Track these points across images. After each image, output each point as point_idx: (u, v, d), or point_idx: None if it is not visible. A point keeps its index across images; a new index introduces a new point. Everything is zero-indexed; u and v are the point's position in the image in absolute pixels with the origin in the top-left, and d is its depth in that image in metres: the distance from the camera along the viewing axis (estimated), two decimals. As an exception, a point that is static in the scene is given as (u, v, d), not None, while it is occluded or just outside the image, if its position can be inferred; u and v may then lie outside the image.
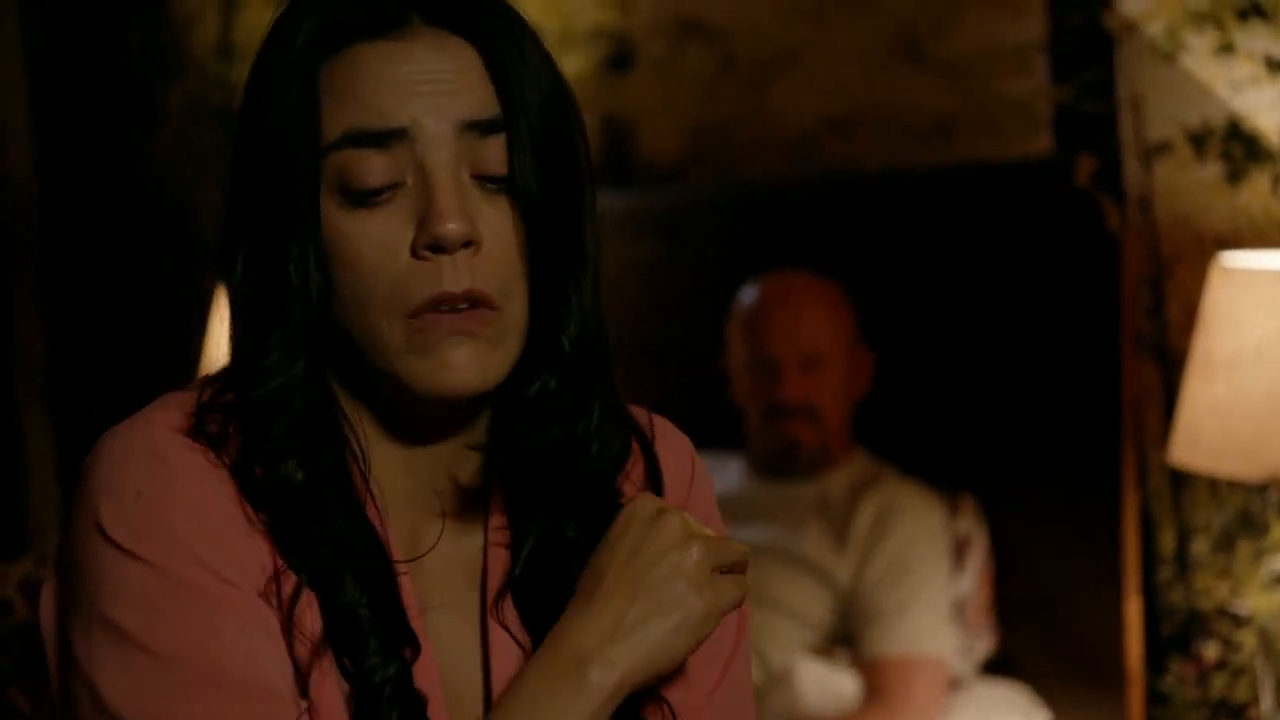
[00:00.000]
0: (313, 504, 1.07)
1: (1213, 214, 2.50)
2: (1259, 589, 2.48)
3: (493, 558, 1.15)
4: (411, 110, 1.07)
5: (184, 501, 1.05)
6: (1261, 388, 2.10)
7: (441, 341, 1.07)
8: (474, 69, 1.09)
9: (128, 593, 1.03)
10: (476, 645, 1.14)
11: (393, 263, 1.07)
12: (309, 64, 1.08)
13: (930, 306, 2.72)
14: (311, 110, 1.07)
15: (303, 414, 1.08)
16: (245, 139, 1.10)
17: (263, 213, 1.08)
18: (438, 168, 1.07)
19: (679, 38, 3.17)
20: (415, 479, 1.14)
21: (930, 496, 2.56)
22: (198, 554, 1.04)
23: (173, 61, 4.28)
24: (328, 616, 1.06)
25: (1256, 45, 2.45)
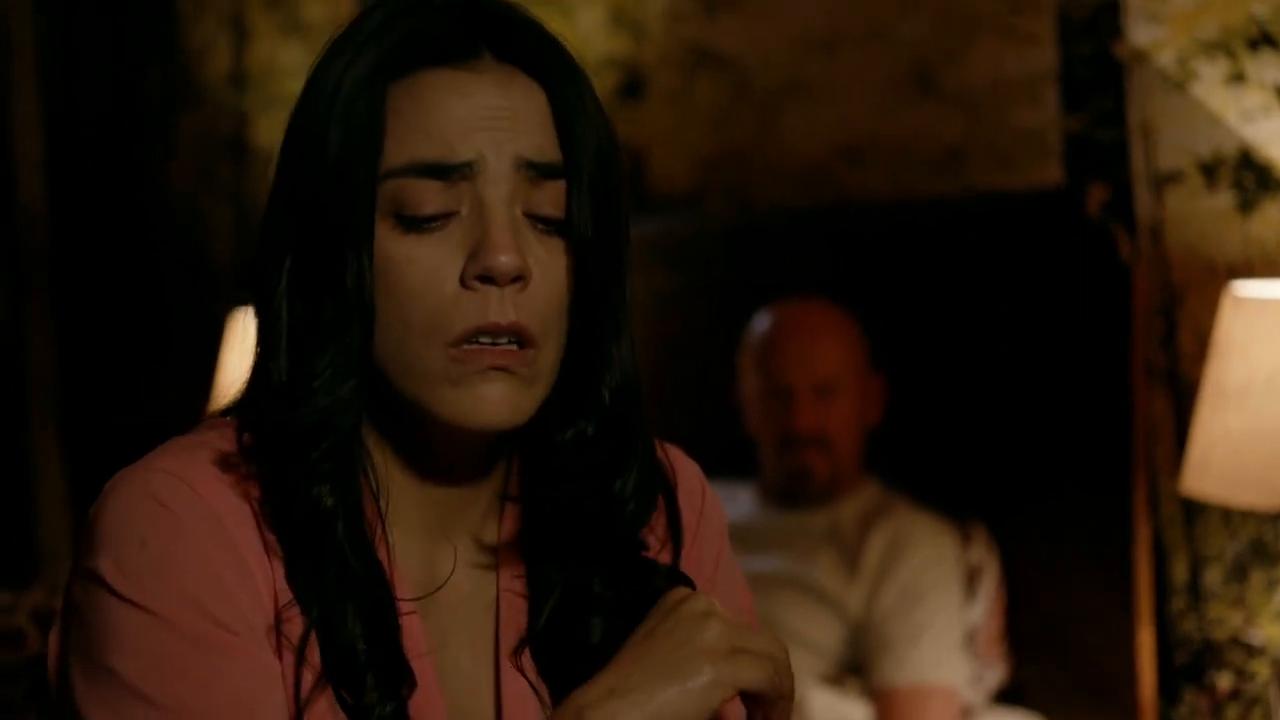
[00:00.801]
0: (330, 532, 1.07)
1: (1224, 243, 2.50)
2: (1272, 619, 2.47)
3: (507, 602, 1.15)
4: (476, 145, 1.08)
5: (186, 550, 1.04)
6: (1273, 417, 2.10)
7: (479, 374, 1.07)
8: (538, 109, 1.10)
9: (128, 642, 1.03)
10: (491, 687, 1.14)
11: (439, 290, 1.07)
12: (377, 86, 1.08)
13: (942, 336, 2.72)
14: (376, 133, 1.08)
15: (345, 438, 1.08)
16: (299, 155, 1.10)
17: (316, 231, 1.08)
18: (495, 202, 1.08)
19: (691, 67, 3.18)
20: (432, 515, 1.14)
21: (942, 525, 2.56)
22: (199, 603, 1.03)
23: (186, 92, 4.30)
24: (326, 650, 1.06)
25: (1267, 74, 2.46)
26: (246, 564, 1.05)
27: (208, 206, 4.27)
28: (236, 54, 4.18)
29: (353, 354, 1.07)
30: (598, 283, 1.11)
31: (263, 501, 1.08)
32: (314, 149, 1.08)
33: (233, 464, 1.08)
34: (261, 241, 1.12)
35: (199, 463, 1.07)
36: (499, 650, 1.14)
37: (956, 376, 2.70)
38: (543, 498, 1.15)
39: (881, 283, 2.76)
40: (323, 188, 1.07)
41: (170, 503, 1.05)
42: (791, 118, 3.08)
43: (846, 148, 3.01)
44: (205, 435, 1.11)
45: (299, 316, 1.08)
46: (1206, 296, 2.49)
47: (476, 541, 1.16)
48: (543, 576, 1.15)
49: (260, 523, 1.07)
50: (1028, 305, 2.61)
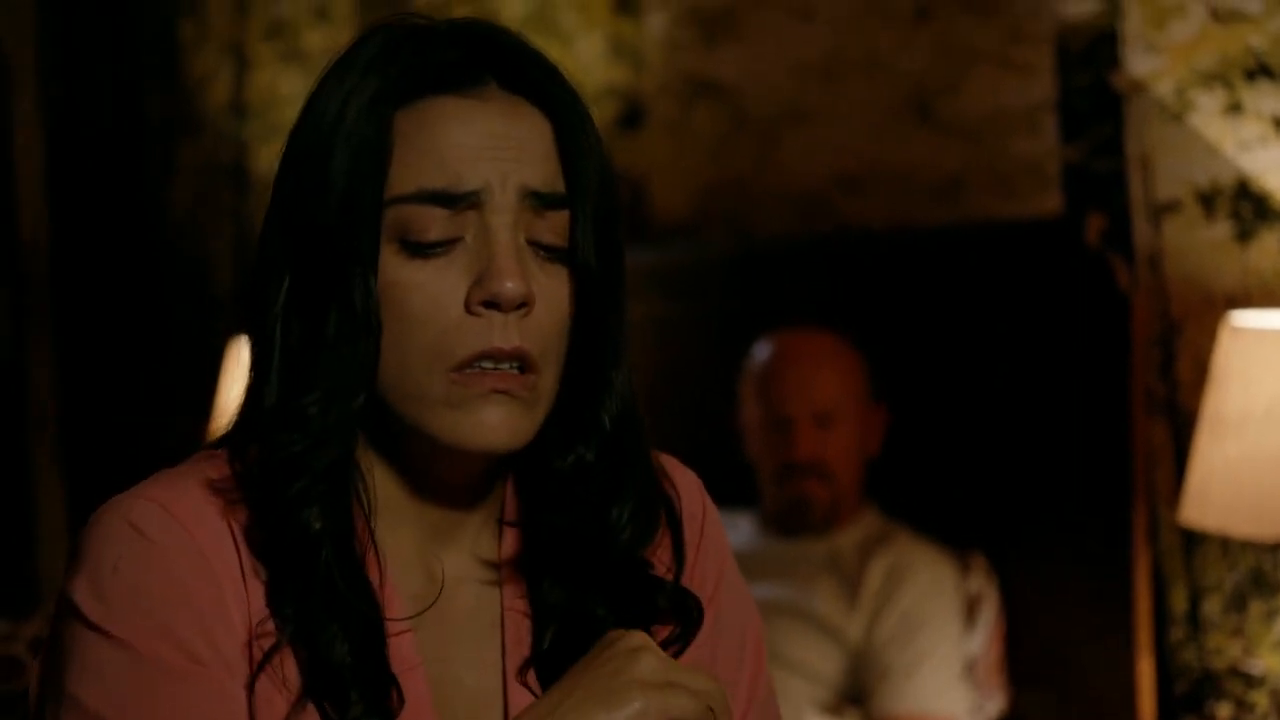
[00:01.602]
0: (316, 554, 1.07)
1: (1222, 273, 2.51)
2: (1271, 649, 2.47)
3: (512, 621, 1.16)
4: (483, 174, 1.09)
5: (159, 578, 1.04)
6: (1272, 447, 2.10)
7: (481, 397, 1.08)
8: (543, 139, 1.11)
9: (94, 670, 1.03)
10: (498, 704, 1.14)
11: (443, 315, 1.08)
12: (384, 111, 1.09)
13: (940, 364, 2.72)
14: (383, 158, 1.08)
15: (337, 460, 1.09)
16: (300, 179, 1.10)
17: (318, 255, 1.08)
18: (500, 229, 1.09)
19: (690, 96, 3.19)
20: (429, 534, 1.14)
21: (941, 555, 2.55)
22: (168, 631, 1.04)
23: (187, 119, 4.31)
24: (311, 670, 1.06)
25: (1265, 105, 2.47)
26: (223, 593, 1.06)
27: (208, 233, 4.27)
28: (237, 82, 4.19)
29: (351, 378, 1.08)
30: (598, 310, 1.12)
31: (249, 528, 1.08)
32: (316, 173, 1.09)
33: (220, 490, 1.09)
34: (258, 266, 1.12)
35: (183, 490, 1.08)
36: (505, 668, 1.15)
37: (956, 405, 2.70)
38: (541, 521, 1.15)
39: (880, 311, 2.77)
40: (326, 212, 1.08)
41: (147, 530, 1.05)
42: (790, 147, 3.09)
43: (845, 177, 3.01)
44: (195, 464, 1.11)
45: (294, 341, 1.09)
46: (1205, 326, 2.50)
47: (478, 559, 1.16)
48: (545, 597, 1.16)
49: (242, 550, 1.07)
50: (1026, 334, 2.61)
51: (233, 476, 1.10)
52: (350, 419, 1.08)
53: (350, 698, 1.06)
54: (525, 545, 1.17)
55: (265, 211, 1.14)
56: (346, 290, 1.07)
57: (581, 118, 1.13)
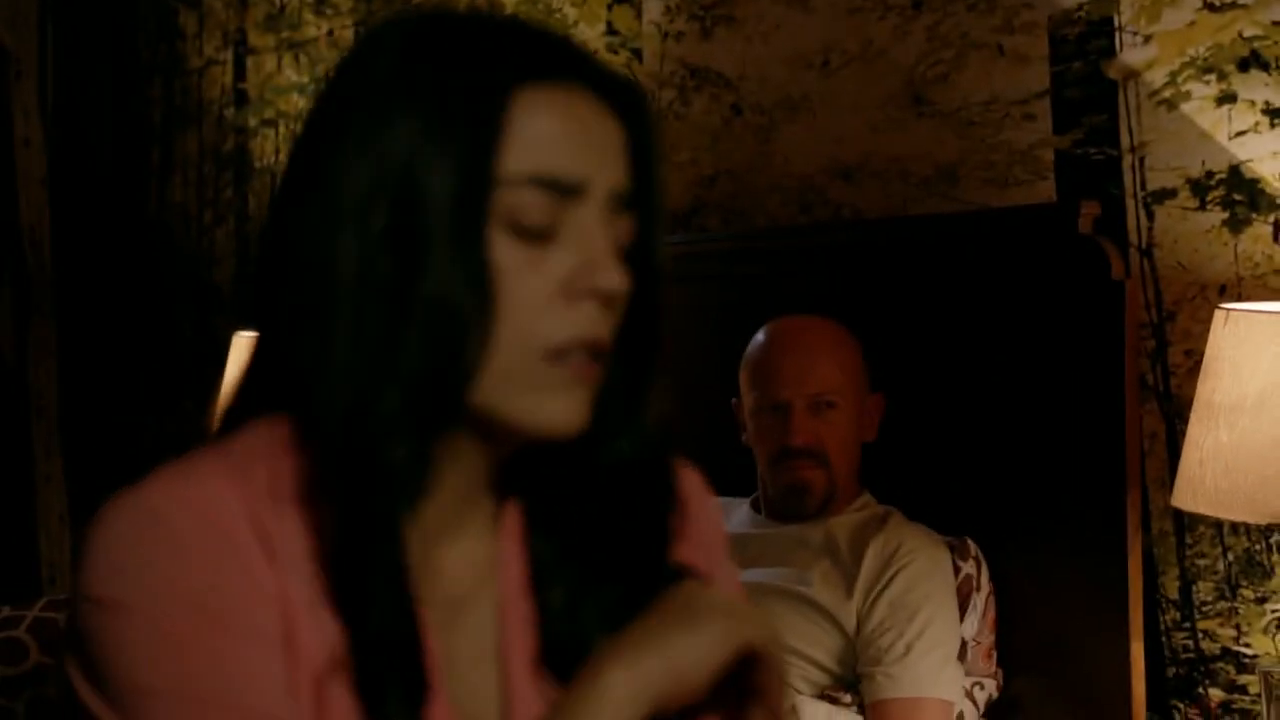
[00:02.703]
0: (377, 546, 1.07)
1: (1215, 261, 2.52)
2: (1263, 633, 2.49)
3: (513, 608, 1.16)
4: (586, 167, 1.10)
5: (181, 559, 1.03)
6: (1263, 433, 2.11)
7: (565, 384, 1.09)
8: (620, 142, 1.13)
9: (137, 647, 1.02)
10: (496, 692, 1.15)
11: (540, 301, 1.08)
12: (503, 88, 1.08)
13: (934, 352, 2.73)
14: (498, 136, 1.08)
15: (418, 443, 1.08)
16: (389, 151, 1.07)
17: (416, 236, 1.06)
18: (598, 223, 1.11)
19: (688, 87, 3.20)
20: (440, 521, 1.15)
21: (936, 540, 2.57)
22: (202, 603, 1.03)
23: (188, 109, 4.32)
24: (353, 650, 1.06)
25: (1257, 94, 2.48)
26: (251, 569, 1.05)
27: (209, 223, 4.28)
28: (238, 72, 4.20)
29: (446, 355, 1.07)
30: (655, 309, 1.15)
31: (279, 511, 1.07)
32: (421, 148, 1.07)
33: (246, 475, 1.07)
34: (310, 251, 1.08)
35: (199, 478, 1.06)
36: (506, 656, 1.16)
37: (949, 392, 2.72)
38: (555, 511, 1.17)
39: (876, 300, 2.78)
40: (433, 189, 1.06)
41: (165, 516, 1.04)
42: (787, 137, 3.10)
43: (842, 166, 3.03)
44: (210, 451, 1.10)
45: (373, 321, 1.07)
46: (1197, 313, 2.51)
47: (480, 546, 1.17)
48: (548, 584, 1.17)
49: (268, 533, 1.06)
50: (1020, 321, 2.62)
51: (260, 457, 1.09)
52: (452, 408, 1.08)
53: (388, 680, 1.06)
54: (531, 532, 1.18)
55: (297, 189, 1.11)
56: (452, 270, 1.06)
57: (654, 125, 1.15)
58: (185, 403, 4.20)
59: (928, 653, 2.44)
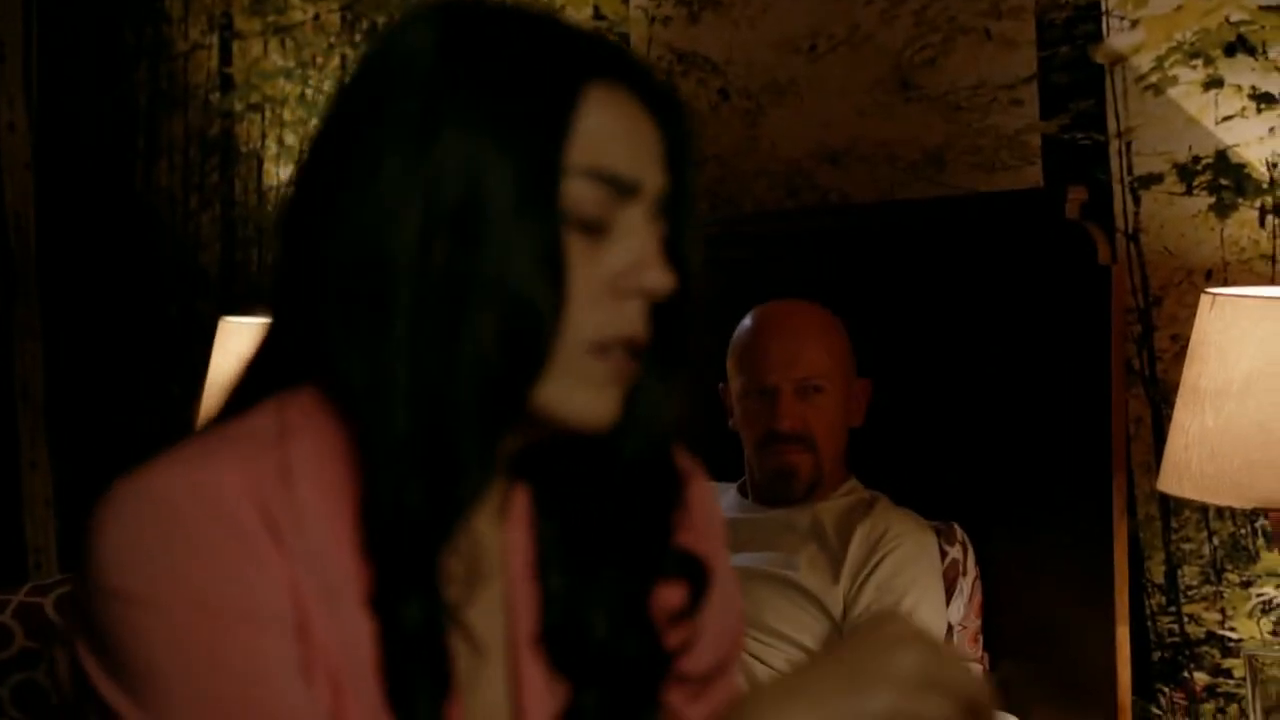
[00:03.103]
0: (423, 542, 1.07)
1: (1201, 246, 2.52)
2: (1248, 616, 2.50)
3: (521, 594, 1.16)
4: (643, 168, 1.11)
5: (193, 546, 1.02)
6: (1249, 418, 2.12)
7: (605, 379, 1.10)
8: (660, 146, 1.13)
9: (153, 639, 1.02)
10: (504, 679, 1.15)
11: (594, 294, 1.09)
12: (576, 82, 1.09)
13: (921, 337, 2.73)
14: (566, 132, 1.08)
15: (488, 437, 1.08)
16: (452, 137, 1.06)
17: (476, 218, 1.06)
18: (649, 223, 1.11)
19: (675, 72, 3.19)
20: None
21: (923, 524, 2.57)
22: (216, 591, 1.02)
23: (173, 93, 4.31)
24: (384, 641, 1.06)
25: (1244, 79, 2.48)
26: (263, 558, 1.03)
27: (195, 208, 4.27)
28: (223, 56, 4.19)
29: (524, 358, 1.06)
30: (687, 309, 1.15)
31: (296, 494, 1.06)
32: (486, 136, 1.06)
33: (247, 463, 1.06)
34: (359, 236, 1.07)
35: (203, 466, 1.05)
36: (513, 639, 1.16)
37: (936, 377, 2.72)
38: (563, 497, 1.17)
39: (863, 284, 2.78)
40: (500, 176, 1.06)
41: (181, 507, 1.03)
42: (774, 121, 3.10)
43: (829, 151, 3.03)
44: (209, 437, 1.09)
45: (438, 315, 1.06)
46: (1184, 298, 2.52)
47: (492, 530, 1.17)
48: (551, 569, 1.17)
49: (280, 519, 1.05)
50: (1006, 306, 2.63)
51: (271, 439, 1.07)
52: (521, 401, 1.08)
53: (417, 677, 1.06)
54: (538, 519, 1.18)
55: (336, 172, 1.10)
56: (525, 259, 1.06)
57: (692, 130, 1.16)
58: (171, 388, 4.20)
59: (914, 637, 2.44)
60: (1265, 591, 2.48)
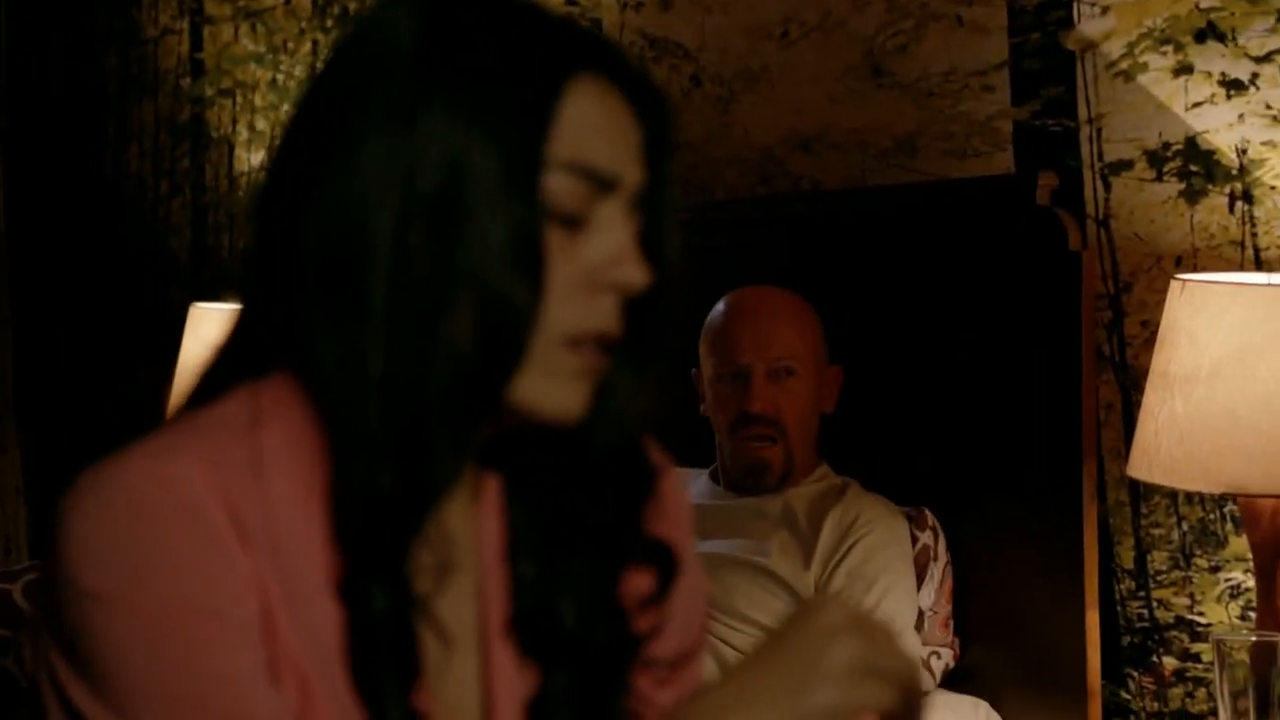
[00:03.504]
0: (394, 529, 1.07)
1: (1171, 232, 2.53)
2: (1216, 601, 2.51)
3: (491, 582, 1.16)
4: (623, 163, 1.10)
5: (165, 544, 1.02)
6: (1218, 403, 2.13)
7: (578, 372, 1.10)
8: (642, 144, 1.13)
9: (121, 640, 1.01)
10: (474, 666, 1.15)
11: (570, 288, 1.08)
12: (562, 74, 1.08)
13: (892, 323, 2.74)
14: (549, 124, 1.07)
15: (462, 430, 1.08)
16: (432, 124, 1.05)
17: (456, 206, 1.05)
18: (626, 218, 1.11)
19: (647, 58, 3.19)
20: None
21: (894, 510, 2.58)
22: (185, 591, 1.02)
23: (144, 78, 4.29)
24: (350, 630, 1.06)
25: (1214, 65, 2.49)
26: (228, 555, 1.03)
27: (165, 193, 4.26)
28: (194, 41, 4.17)
29: (501, 352, 1.06)
30: (658, 309, 1.14)
31: (251, 493, 1.05)
32: (468, 124, 1.06)
33: (214, 456, 1.05)
34: (336, 221, 1.06)
35: (171, 460, 1.04)
36: (484, 625, 1.15)
37: (907, 363, 2.72)
38: (533, 485, 1.17)
39: (835, 270, 2.78)
40: (482, 166, 1.05)
41: (150, 504, 1.02)
42: (746, 108, 3.10)
43: (800, 137, 3.03)
44: (176, 429, 1.08)
45: (414, 303, 1.05)
46: (1154, 284, 2.53)
47: (462, 517, 1.16)
48: (520, 556, 1.17)
49: (240, 518, 1.04)
50: (978, 292, 2.63)
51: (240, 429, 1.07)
52: (497, 395, 1.08)
53: (384, 665, 1.06)
54: (509, 506, 1.18)
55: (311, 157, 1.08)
56: (503, 252, 1.05)
57: (672, 125, 1.15)
58: (142, 374, 4.18)
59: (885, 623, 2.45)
60: (1233, 576, 2.49)
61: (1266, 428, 2.09)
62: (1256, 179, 2.45)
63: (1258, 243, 2.46)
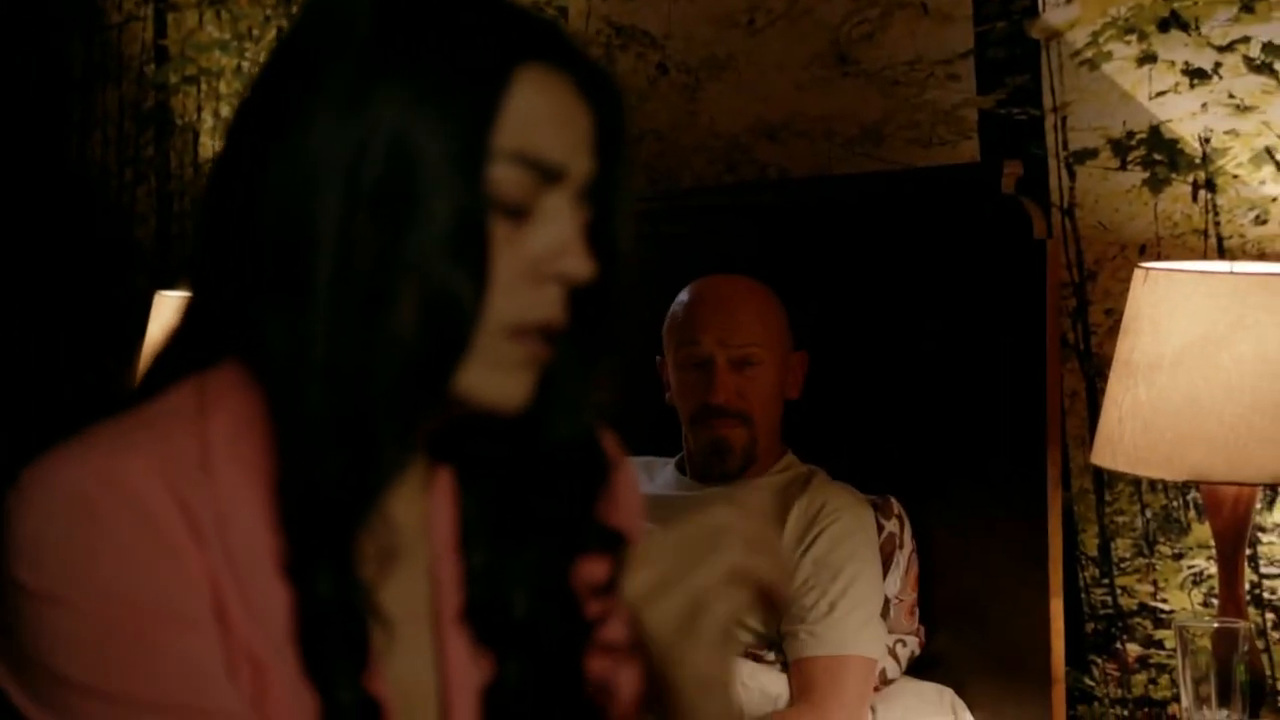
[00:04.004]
0: (339, 512, 1.07)
1: (1135, 220, 2.54)
2: (1179, 588, 2.52)
3: (445, 569, 1.16)
4: (570, 153, 1.10)
5: (108, 544, 1.01)
6: (1181, 391, 2.14)
7: (520, 362, 1.09)
8: (591, 129, 1.12)
9: (64, 640, 1.01)
10: (429, 652, 1.15)
11: (513, 278, 1.08)
12: (509, 64, 1.08)
13: (857, 311, 2.74)
14: (495, 113, 1.07)
15: (406, 420, 1.08)
16: (379, 113, 1.05)
17: (401, 196, 1.05)
18: (572, 209, 1.10)
19: (613, 46, 3.19)
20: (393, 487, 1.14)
21: (860, 498, 2.58)
22: (130, 594, 1.01)
23: (108, 65, 4.26)
24: (299, 618, 1.06)
25: (1177, 54, 2.49)
26: (177, 551, 1.03)
27: (130, 181, 4.24)
28: (158, 28, 4.15)
29: (446, 344, 1.06)
30: (608, 301, 1.14)
31: (201, 484, 1.05)
32: (414, 113, 1.05)
33: (162, 449, 1.05)
34: (281, 208, 1.06)
35: (118, 455, 1.04)
36: (438, 612, 1.15)
37: (873, 351, 2.73)
38: (486, 476, 1.17)
39: (800, 258, 2.79)
40: (427, 155, 1.05)
41: (96, 501, 1.02)
42: (713, 96, 3.10)
43: (767, 126, 3.03)
44: (124, 422, 1.08)
45: (359, 292, 1.05)
46: (1118, 272, 2.54)
47: (413, 504, 1.16)
48: (473, 545, 1.17)
49: (196, 507, 1.04)
50: (943, 280, 2.64)
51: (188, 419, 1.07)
52: (442, 387, 1.08)
53: (335, 648, 1.06)
54: (462, 495, 1.18)
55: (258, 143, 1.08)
56: (448, 244, 1.05)
57: (627, 119, 1.15)
58: (106, 361, 4.16)
59: (851, 611, 2.46)
60: (1196, 563, 2.50)
61: (1229, 416, 2.10)
62: (1219, 168, 2.46)
63: (1221, 231, 2.47)
